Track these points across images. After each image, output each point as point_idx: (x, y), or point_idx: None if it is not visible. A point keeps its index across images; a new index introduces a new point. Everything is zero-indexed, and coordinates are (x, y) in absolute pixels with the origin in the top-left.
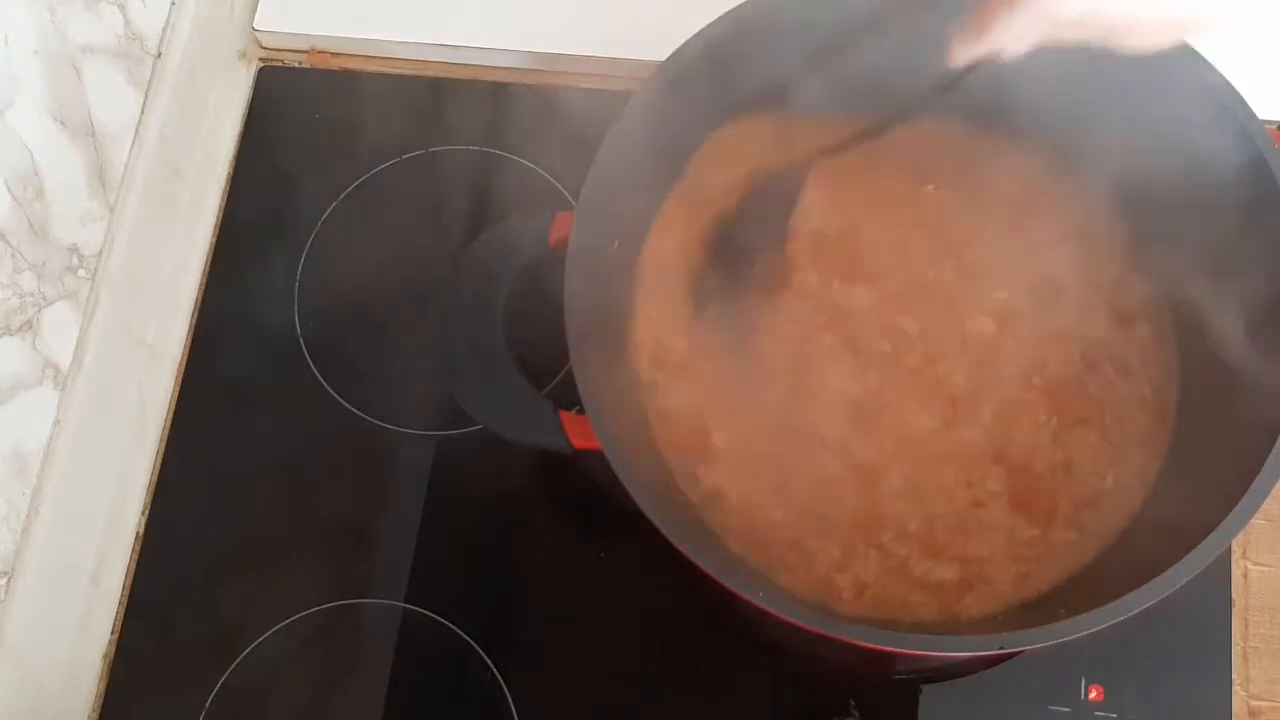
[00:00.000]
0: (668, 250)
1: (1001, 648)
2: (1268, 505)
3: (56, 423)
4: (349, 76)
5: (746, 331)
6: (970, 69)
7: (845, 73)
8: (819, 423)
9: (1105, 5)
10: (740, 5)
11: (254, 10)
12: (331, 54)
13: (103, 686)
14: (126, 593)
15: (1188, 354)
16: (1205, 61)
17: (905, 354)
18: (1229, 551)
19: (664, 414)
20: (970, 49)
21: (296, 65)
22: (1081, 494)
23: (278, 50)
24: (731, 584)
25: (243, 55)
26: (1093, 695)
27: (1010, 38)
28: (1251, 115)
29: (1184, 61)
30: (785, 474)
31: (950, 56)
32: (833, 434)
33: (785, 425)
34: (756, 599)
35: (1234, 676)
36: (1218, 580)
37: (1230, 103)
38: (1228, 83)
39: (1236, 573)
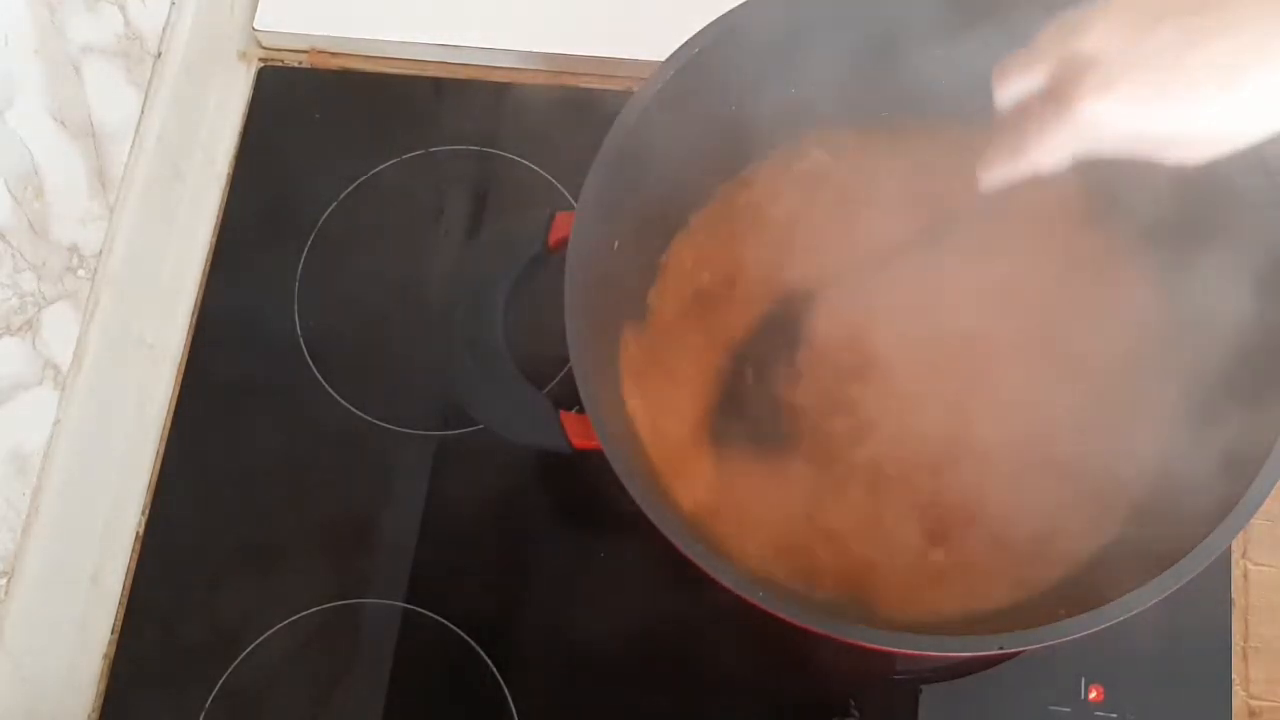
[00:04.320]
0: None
1: (1001, 648)
2: (1268, 505)
3: (56, 423)
4: (349, 76)
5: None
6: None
7: (854, 74)
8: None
9: (1146, 128)
10: (740, 5)
11: (254, 10)
12: (331, 54)
13: (103, 686)
14: (126, 593)
15: (1190, 354)
16: None
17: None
18: (1229, 551)
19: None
20: (1006, 171)
21: (296, 65)
22: (1082, 494)
23: (278, 50)
24: (731, 584)
25: (243, 55)
26: (1093, 695)
27: (1046, 154)
28: None
29: None
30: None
31: (984, 177)
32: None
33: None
34: (756, 599)
35: (1234, 676)
36: (1218, 580)
37: None
38: None
39: (1236, 573)
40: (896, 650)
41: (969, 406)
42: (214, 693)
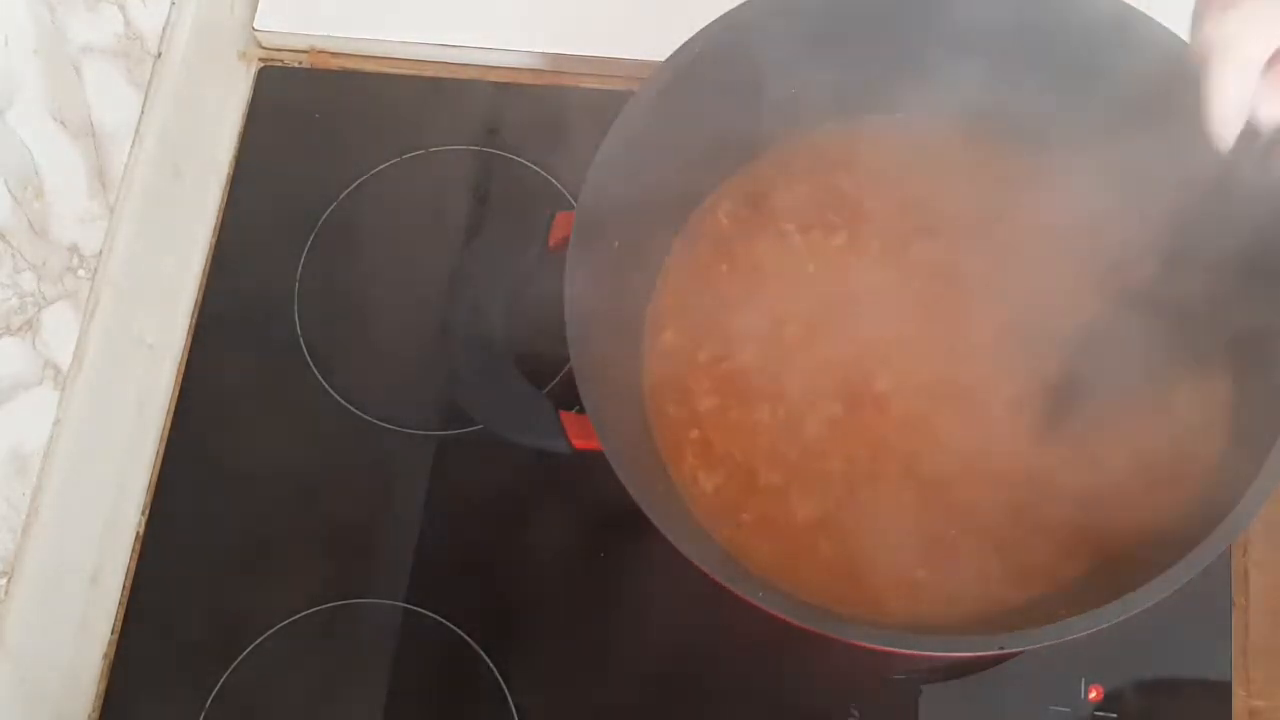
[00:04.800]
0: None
1: (1001, 648)
2: (1268, 505)
3: (56, 423)
4: (349, 76)
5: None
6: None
7: (853, 72)
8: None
9: None
10: (740, 5)
11: (254, 10)
12: (331, 54)
13: (103, 686)
14: (126, 593)
15: (1190, 354)
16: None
17: (919, 365)
18: (1229, 551)
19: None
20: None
21: (296, 65)
22: (1083, 495)
23: (278, 50)
24: (731, 584)
25: (243, 55)
26: (1093, 695)
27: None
28: None
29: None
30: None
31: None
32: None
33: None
34: (756, 599)
35: (1234, 676)
36: (1218, 580)
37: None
38: None
39: (1236, 573)
40: (896, 650)
41: (958, 424)
42: (214, 693)
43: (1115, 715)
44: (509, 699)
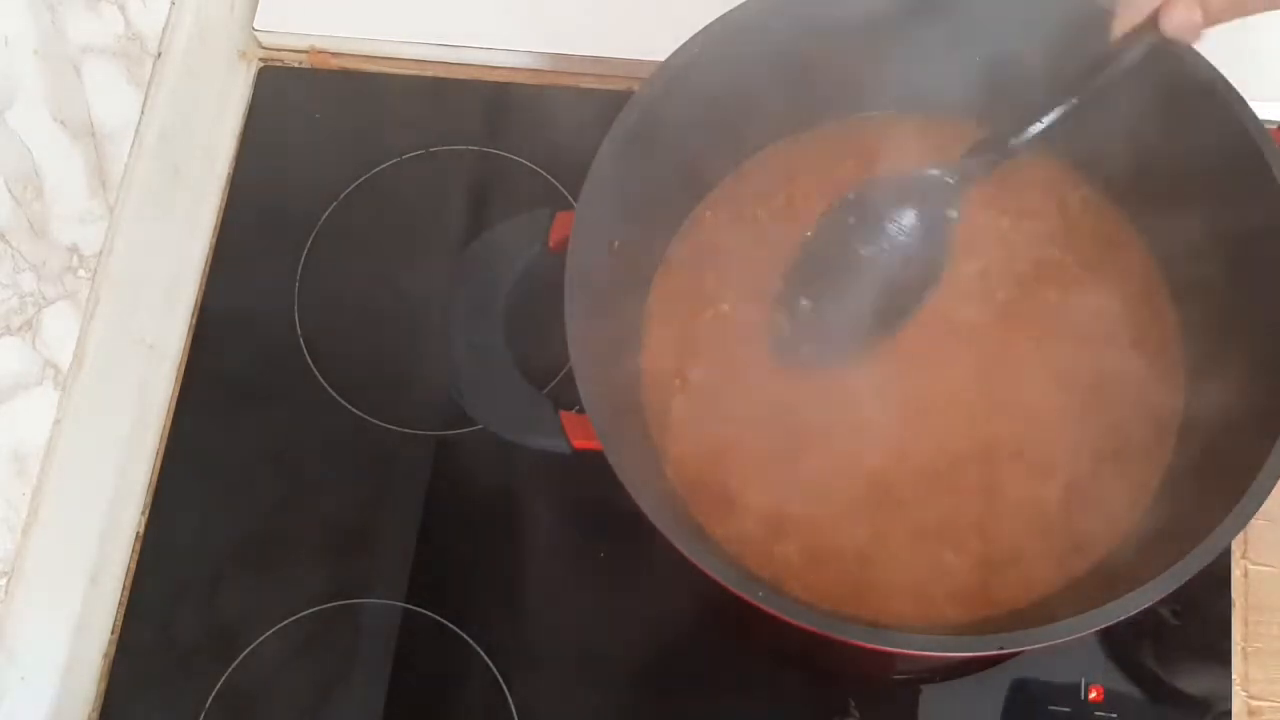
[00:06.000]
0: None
1: (1001, 648)
2: (1268, 505)
3: (56, 423)
4: (349, 76)
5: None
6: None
7: (854, 70)
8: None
9: None
10: (739, 5)
11: (254, 10)
12: (331, 54)
13: (103, 686)
14: (126, 593)
15: (1190, 354)
16: (1206, 62)
17: (916, 363)
18: (1229, 551)
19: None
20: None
21: (296, 65)
22: (1084, 495)
23: (278, 50)
24: (731, 584)
25: (243, 55)
26: (1093, 695)
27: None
28: (1252, 116)
29: (1185, 61)
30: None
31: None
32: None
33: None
34: (756, 599)
35: (1234, 676)
36: (1218, 580)
37: (1231, 103)
38: (1228, 83)
39: (1236, 573)
40: (896, 650)
41: (956, 424)
42: (214, 693)
43: (1115, 715)
44: (509, 699)
